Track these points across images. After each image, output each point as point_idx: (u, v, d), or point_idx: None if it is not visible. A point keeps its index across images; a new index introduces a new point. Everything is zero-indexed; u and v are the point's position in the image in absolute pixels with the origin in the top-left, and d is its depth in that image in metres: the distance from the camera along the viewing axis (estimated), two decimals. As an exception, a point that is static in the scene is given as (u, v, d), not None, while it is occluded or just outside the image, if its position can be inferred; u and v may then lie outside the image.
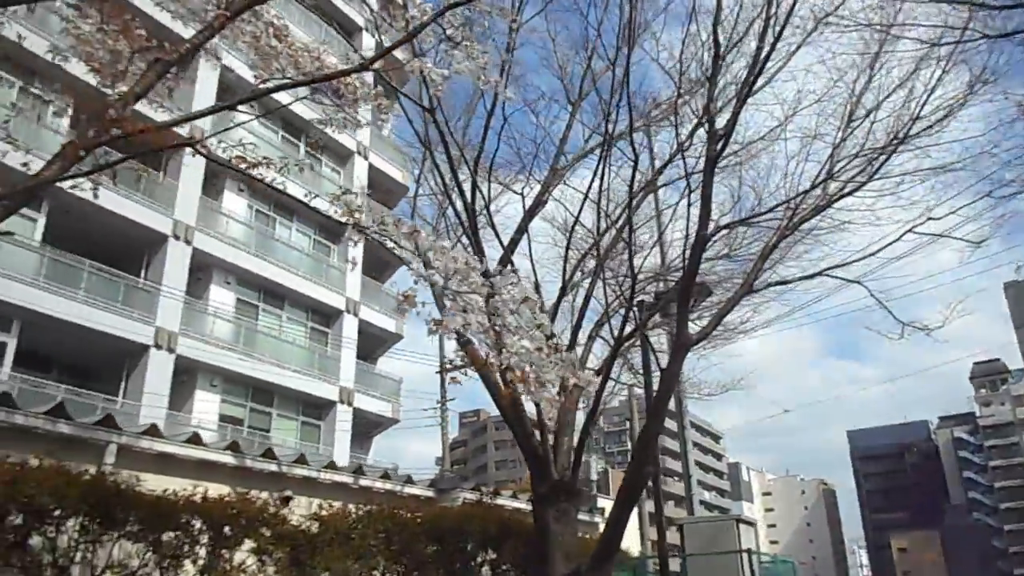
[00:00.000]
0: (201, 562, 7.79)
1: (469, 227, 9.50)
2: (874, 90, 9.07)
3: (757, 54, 8.23)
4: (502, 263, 9.65)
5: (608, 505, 13.02)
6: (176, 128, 6.53)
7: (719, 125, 8.45)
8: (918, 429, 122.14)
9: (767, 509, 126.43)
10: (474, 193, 9.33)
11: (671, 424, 23.45)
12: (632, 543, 13.17)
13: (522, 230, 9.78)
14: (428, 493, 12.15)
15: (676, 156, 9.58)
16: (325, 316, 24.64)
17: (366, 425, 25.09)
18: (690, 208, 8.68)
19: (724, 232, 10.19)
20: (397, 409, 25.60)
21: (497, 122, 9.30)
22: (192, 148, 4.59)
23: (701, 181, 8.43)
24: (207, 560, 7.86)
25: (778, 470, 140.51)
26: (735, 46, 8.70)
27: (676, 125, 9.58)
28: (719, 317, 9.03)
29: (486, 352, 4.86)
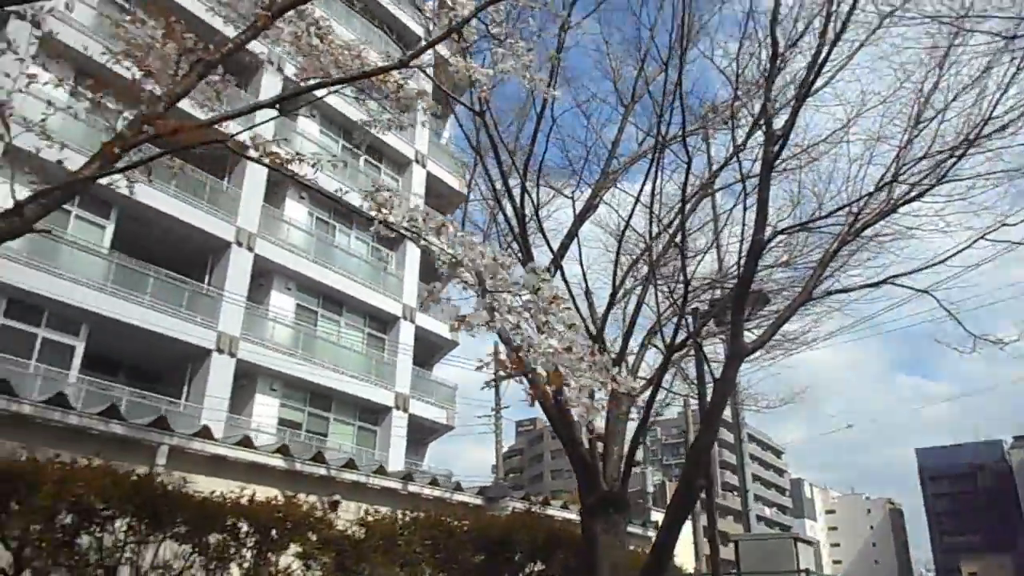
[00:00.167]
0: (247, 565, 7.81)
1: (518, 232, 9.38)
2: (943, 89, 8.60)
3: (817, 52, 7.89)
4: (551, 269, 9.50)
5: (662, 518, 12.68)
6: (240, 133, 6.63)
7: (777, 126, 8.14)
8: (991, 449, 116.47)
9: (831, 528, 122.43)
10: (523, 198, 9.20)
11: (729, 437, 22.86)
12: (686, 558, 12.79)
13: (572, 235, 9.60)
14: (477, 501, 12.03)
15: (732, 159, 9.27)
16: (382, 322, 24.85)
17: (421, 431, 25.16)
18: (746, 213, 8.38)
19: (782, 238, 9.83)
20: (452, 416, 25.61)
21: (547, 125, 9.16)
22: (224, 145, 4.57)
23: (757, 184, 8.14)
24: (252, 563, 7.87)
25: (843, 488, 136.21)
26: (794, 44, 8.37)
27: (733, 128, 9.28)
28: (776, 326, 8.68)
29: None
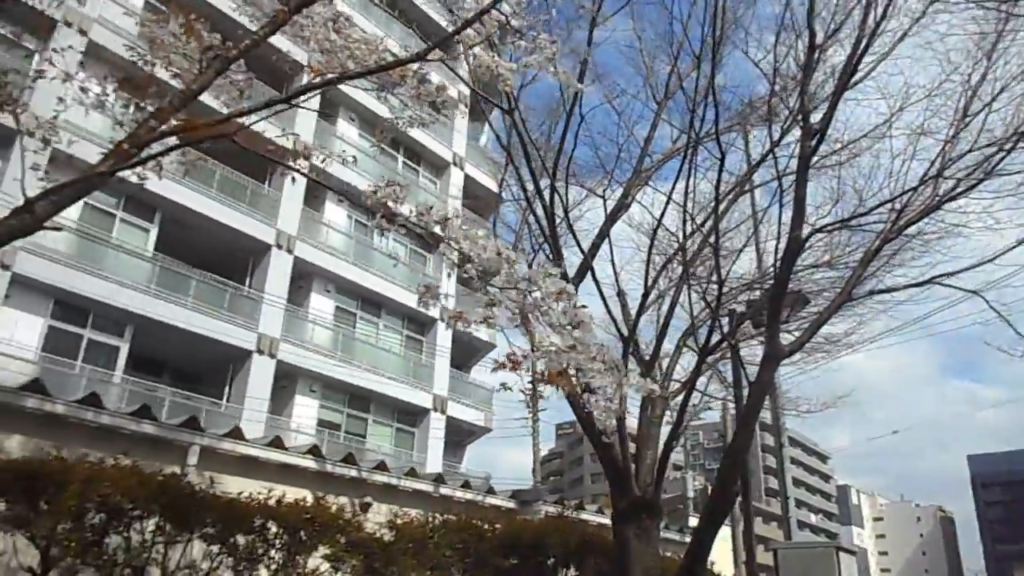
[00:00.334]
0: (275, 566, 7.81)
1: (548, 232, 9.24)
2: (991, 80, 8.21)
3: (856, 44, 7.60)
4: (582, 269, 9.34)
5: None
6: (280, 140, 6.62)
7: (814, 120, 7.86)
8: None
9: (878, 535, 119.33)
10: (553, 197, 9.06)
11: (772, 441, 22.35)
12: (724, 565, 12.49)
13: (603, 235, 9.42)
14: (510, 504, 11.91)
15: (768, 156, 9.00)
16: (420, 324, 24.89)
17: (459, 433, 25.14)
18: (782, 211, 8.11)
19: (822, 237, 9.51)
20: (490, 418, 25.54)
21: (577, 123, 8.99)
22: (232, 140, 4.54)
23: (794, 181, 7.87)
24: (281, 565, 7.87)
25: (891, 494, 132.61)
26: (832, 35, 8.08)
27: (770, 124, 9.01)
28: (815, 327, 8.38)
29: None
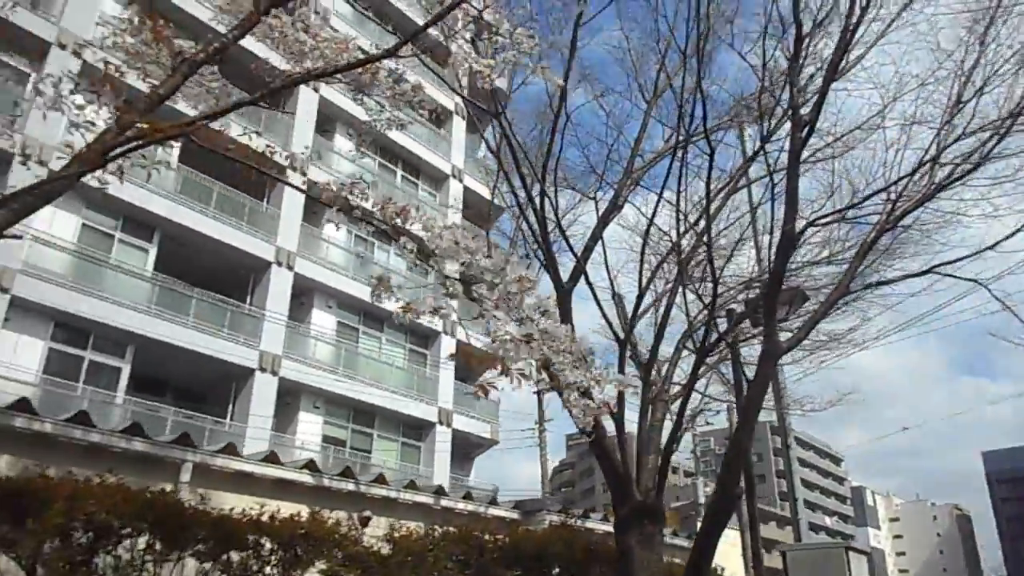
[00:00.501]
0: (270, 583, 7.69)
1: (540, 237, 9.12)
2: (983, 66, 8.07)
3: (843, 33, 7.49)
4: (575, 273, 9.21)
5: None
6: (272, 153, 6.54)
7: (804, 112, 7.74)
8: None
9: (895, 536, 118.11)
10: (543, 201, 8.94)
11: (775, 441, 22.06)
12: (735, 569, 12.26)
13: (596, 237, 9.30)
14: (513, 515, 11.73)
15: (760, 151, 8.86)
16: (423, 337, 24.77)
17: (466, 446, 24.97)
18: (774, 206, 7.97)
19: (819, 232, 9.37)
20: (496, 430, 25.37)
21: (564, 123, 8.87)
22: (191, 139, 4.43)
23: (785, 174, 7.74)
24: (276, 581, 7.74)
25: (907, 494, 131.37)
26: (819, 25, 7.96)
27: (761, 119, 8.88)
28: (812, 323, 8.21)
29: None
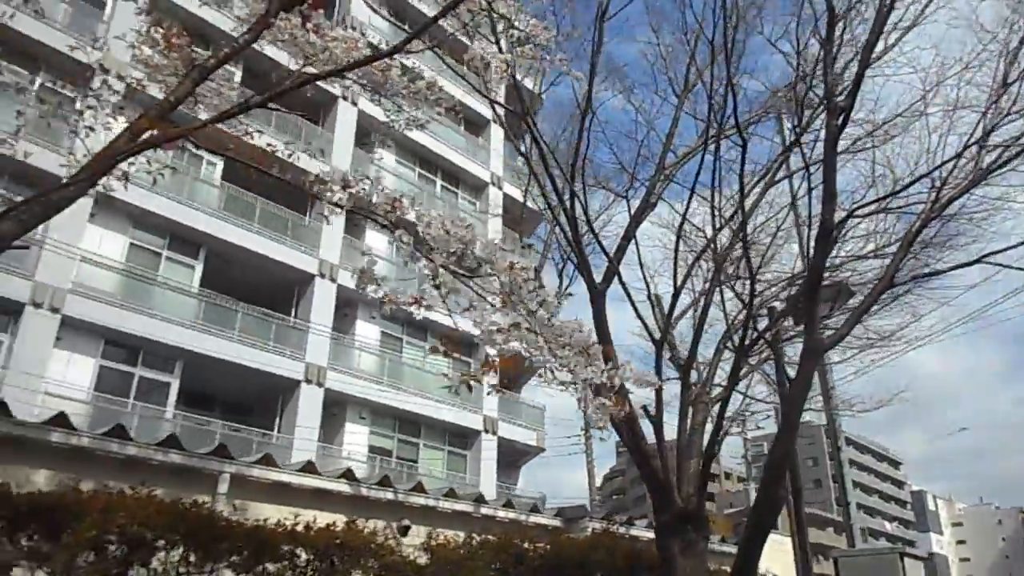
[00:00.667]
0: (306, 594, 7.63)
1: (572, 238, 8.97)
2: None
3: (879, 12, 7.19)
4: (608, 274, 9.03)
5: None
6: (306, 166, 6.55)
7: (840, 99, 7.45)
8: None
9: (959, 541, 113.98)
10: (573, 202, 8.78)
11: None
12: (787, 578, 11.86)
13: (629, 236, 9.09)
14: (555, 523, 11.54)
15: (796, 143, 8.57)
16: (466, 346, 24.70)
17: (513, 454, 24.81)
18: (811, 199, 7.68)
19: (859, 223, 9.01)
20: (542, 438, 25.17)
21: (590, 120, 8.73)
22: (189, 141, 4.42)
23: (822, 163, 7.46)
24: (312, 592, 7.69)
25: (971, 498, 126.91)
26: (853, 7, 7.67)
27: (797, 108, 8.59)
28: (856, 317, 7.88)
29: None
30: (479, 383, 3.76)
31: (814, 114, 8.58)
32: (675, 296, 8.99)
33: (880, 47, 7.43)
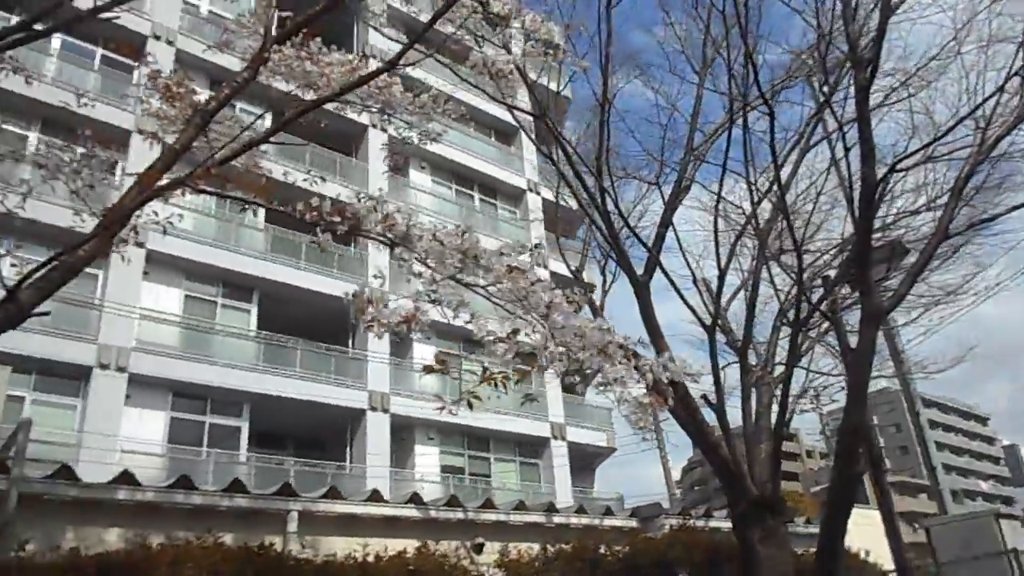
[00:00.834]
0: (383, 624, 7.60)
1: (607, 233, 8.78)
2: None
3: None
4: (649, 265, 8.80)
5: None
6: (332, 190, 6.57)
7: (864, 50, 7.11)
8: None
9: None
10: (603, 196, 8.60)
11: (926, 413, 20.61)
12: (881, 554, 11.36)
13: (665, 223, 8.86)
14: (631, 523, 11.29)
15: (825, 105, 8.22)
16: (528, 355, 24.58)
17: (585, 457, 24.56)
18: (848, 158, 7.33)
19: (905, 176, 8.59)
20: (612, 438, 24.86)
21: (624, 116, 8.53)
22: (189, 187, 4.40)
23: (856, 121, 7.11)
24: (389, 621, 7.65)
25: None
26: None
27: (822, 66, 8.24)
28: (913, 275, 7.48)
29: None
30: (479, 400, 3.63)
31: (841, 72, 8.22)
32: (720, 278, 8.72)
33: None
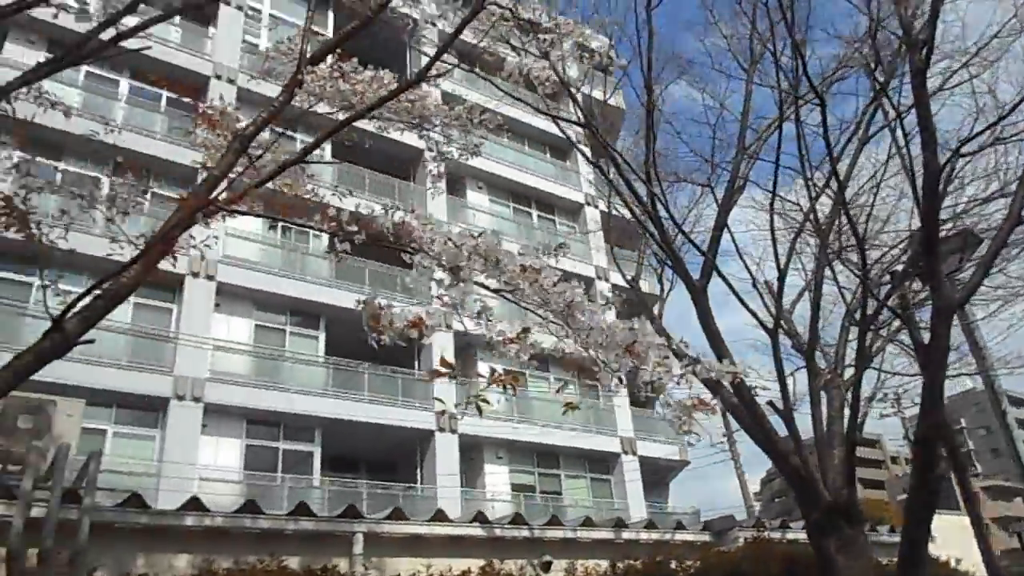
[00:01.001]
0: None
1: (659, 238, 8.61)
2: None
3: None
4: (705, 269, 8.58)
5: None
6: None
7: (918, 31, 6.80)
8: None
9: None
10: (653, 201, 8.45)
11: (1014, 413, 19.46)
12: (973, 561, 10.72)
13: (720, 226, 8.63)
14: (703, 537, 10.95)
15: (881, 92, 7.89)
16: (590, 370, 24.38)
17: (657, 471, 24.09)
18: (909, 147, 7.00)
19: (970, 161, 8.16)
20: (684, 451, 24.31)
21: (671, 119, 8.39)
22: (226, 211, 4.46)
23: (914, 105, 6.80)
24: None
25: None
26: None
27: (874, 52, 7.92)
28: (987, 263, 7.05)
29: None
30: (487, 403, 3.54)
31: (897, 57, 7.89)
32: (780, 279, 8.41)
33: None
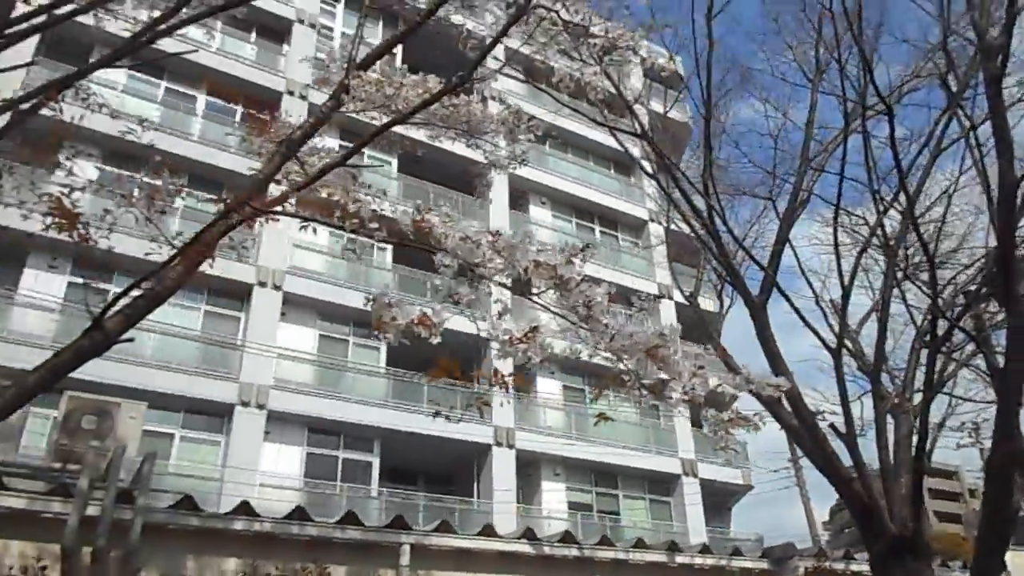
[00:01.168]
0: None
1: (717, 253, 8.38)
2: None
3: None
4: (765, 285, 8.32)
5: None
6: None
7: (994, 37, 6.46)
8: None
9: None
10: (711, 215, 8.23)
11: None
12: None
13: (781, 240, 8.35)
14: (762, 565, 10.54)
15: (955, 103, 7.51)
16: (651, 389, 23.97)
17: (719, 495, 23.43)
18: (983, 160, 6.64)
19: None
20: (748, 475, 23.60)
21: (729, 130, 8.21)
22: (266, 215, 4.49)
23: (989, 115, 6.45)
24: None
25: None
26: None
27: (950, 61, 7.56)
28: (1068, 285, 6.62)
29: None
30: (488, 405, 3.42)
31: (970, 66, 7.52)
32: (844, 297, 8.06)
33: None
